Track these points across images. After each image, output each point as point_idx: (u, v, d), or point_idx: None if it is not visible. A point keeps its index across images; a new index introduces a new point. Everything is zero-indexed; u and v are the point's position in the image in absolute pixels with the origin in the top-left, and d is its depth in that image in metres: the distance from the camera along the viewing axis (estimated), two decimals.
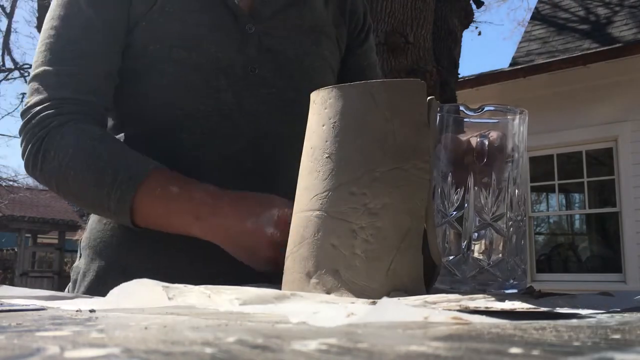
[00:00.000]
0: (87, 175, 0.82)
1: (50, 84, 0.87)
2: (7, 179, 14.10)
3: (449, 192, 0.65)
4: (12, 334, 0.30)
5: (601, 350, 0.25)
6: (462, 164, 0.66)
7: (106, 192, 0.81)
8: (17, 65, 9.73)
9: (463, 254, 0.63)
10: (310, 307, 0.43)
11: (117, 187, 0.80)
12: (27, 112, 0.87)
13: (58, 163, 0.83)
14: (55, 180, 0.86)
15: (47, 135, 0.85)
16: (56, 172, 0.84)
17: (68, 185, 0.84)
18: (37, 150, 0.85)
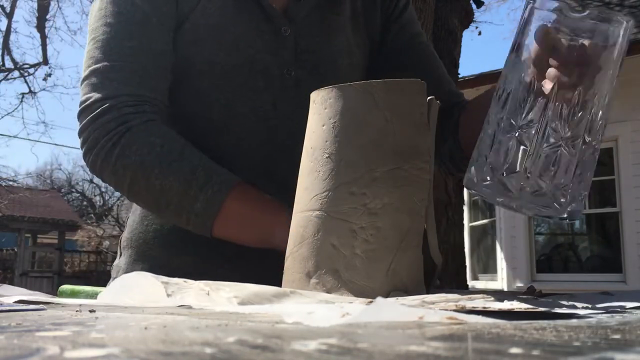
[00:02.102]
0: (175, 174, 0.80)
1: (114, 79, 0.85)
2: (7, 179, 14.10)
3: (523, 101, 0.56)
4: (12, 334, 0.30)
5: (601, 350, 0.25)
6: (546, 69, 0.58)
7: (194, 193, 0.79)
8: (17, 65, 9.73)
9: (525, 171, 0.56)
10: (305, 307, 0.43)
11: (210, 188, 0.79)
12: (93, 106, 0.84)
13: (140, 159, 0.81)
14: (131, 176, 0.82)
15: (129, 130, 0.82)
16: (135, 168, 0.82)
17: (147, 183, 0.81)
18: (115, 144, 0.82)
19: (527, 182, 0.55)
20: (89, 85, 0.86)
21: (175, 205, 0.81)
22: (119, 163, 0.82)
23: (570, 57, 0.57)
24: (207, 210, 0.79)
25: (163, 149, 0.82)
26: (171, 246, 0.92)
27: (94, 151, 0.84)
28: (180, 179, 0.80)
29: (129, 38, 0.87)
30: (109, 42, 0.87)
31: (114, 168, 0.83)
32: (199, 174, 0.80)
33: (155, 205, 0.85)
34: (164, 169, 0.81)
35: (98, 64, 0.86)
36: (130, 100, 0.84)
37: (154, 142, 0.82)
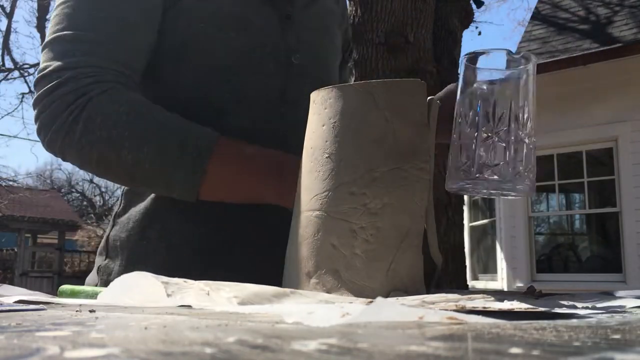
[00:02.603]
0: (147, 144, 0.75)
1: (78, 49, 0.78)
2: (7, 179, 14.10)
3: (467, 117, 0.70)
4: (12, 334, 0.30)
5: (601, 350, 0.25)
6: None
7: (172, 162, 0.75)
8: (16, 65, 9.74)
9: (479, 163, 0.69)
10: (305, 307, 0.43)
11: (188, 155, 0.74)
12: (50, 76, 0.77)
13: (107, 133, 0.75)
14: (99, 153, 0.76)
15: (90, 101, 0.75)
16: (104, 144, 0.75)
17: (119, 158, 0.75)
18: (75, 119, 0.75)
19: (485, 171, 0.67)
20: (50, 52, 0.80)
21: (154, 177, 0.77)
22: (84, 139, 0.76)
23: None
24: (189, 178, 0.75)
25: (129, 117, 0.75)
26: (176, 246, 0.87)
27: (52, 128, 0.77)
28: (155, 149, 0.75)
29: (99, 9, 0.81)
30: (78, 10, 0.81)
31: (78, 145, 0.76)
32: (173, 139, 0.75)
33: (130, 180, 0.80)
34: (134, 141, 0.75)
35: (63, 32, 0.79)
36: (92, 71, 0.77)
37: (118, 110, 0.76)
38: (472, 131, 0.70)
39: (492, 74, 0.72)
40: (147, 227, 0.88)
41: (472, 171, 0.67)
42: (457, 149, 0.70)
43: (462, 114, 0.71)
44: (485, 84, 0.72)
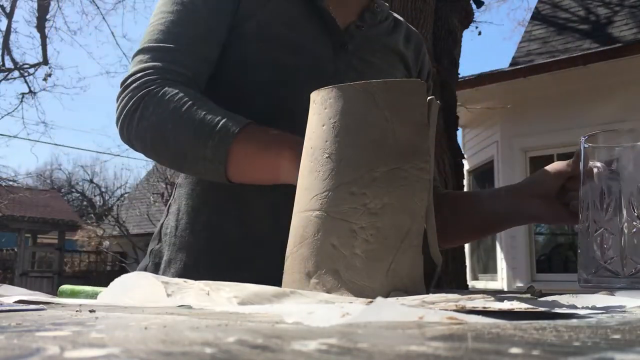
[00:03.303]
0: (186, 125, 0.83)
1: (151, 57, 0.91)
2: (7, 179, 14.09)
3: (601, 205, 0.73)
4: (12, 334, 0.30)
5: (601, 350, 0.25)
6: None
7: (203, 140, 0.82)
8: (17, 65, 9.72)
9: (622, 254, 0.70)
10: (305, 307, 0.43)
11: (216, 133, 0.81)
12: (127, 79, 0.90)
13: (156, 118, 0.85)
14: (151, 137, 0.87)
15: (148, 94, 0.87)
16: (153, 127, 0.86)
17: (164, 140, 0.85)
18: (135, 109, 0.87)
19: (625, 265, 0.69)
20: (132, 63, 0.93)
21: (191, 155, 0.84)
22: (140, 125, 0.87)
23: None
24: (217, 155, 0.81)
25: (177, 104, 0.85)
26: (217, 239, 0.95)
27: (120, 119, 0.89)
28: (191, 130, 0.83)
29: (177, 24, 0.93)
30: (158, 27, 0.94)
31: (136, 131, 0.88)
32: (207, 122, 0.82)
33: (176, 161, 0.89)
34: (176, 123, 0.84)
35: (142, 45, 0.93)
36: (156, 72, 0.89)
37: (168, 99, 0.85)
38: (615, 222, 0.69)
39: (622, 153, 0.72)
40: (193, 219, 0.98)
41: (622, 271, 0.67)
42: (592, 240, 0.71)
43: (591, 198, 0.72)
44: (619, 166, 0.71)
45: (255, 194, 0.94)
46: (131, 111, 0.88)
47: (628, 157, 0.71)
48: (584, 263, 0.72)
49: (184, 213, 0.99)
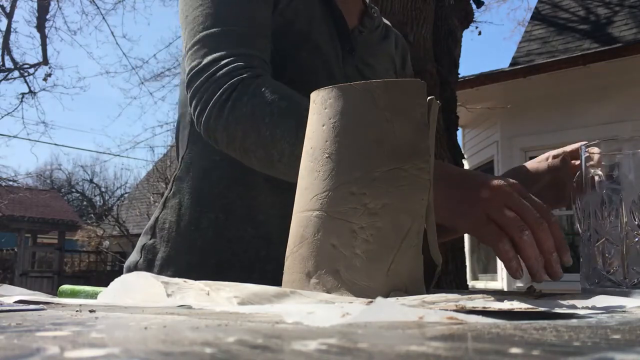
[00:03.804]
0: (286, 121, 0.78)
1: (225, 42, 0.86)
2: (7, 179, 14.09)
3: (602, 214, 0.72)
4: (12, 334, 0.30)
5: (601, 350, 0.25)
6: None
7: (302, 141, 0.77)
8: (17, 65, 9.72)
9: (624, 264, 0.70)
10: (305, 307, 0.43)
11: None
12: (205, 69, 0.84)
13: (251, 109, 0.80)
14: (242, 129, 0.81)
15: (241, 83, 0.82)
16: (246, 119, 0.80)
17: (258, 134, 0.79)
18: (227, 98, 0.82)
19: (628, 274, 0.68)
20: (201, 50, 0.87)
21: (288, 155, 0.77)
22: (231, 117, 0.81)
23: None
24: None
25: (274, 97, 0.80)
26: (224, 237, 0.93)
27: (207, 109, 0.83)
28: (292, 126, 0.77)
29: (238, 6, 0.90)
30: (218, 9, 0.89)
31: (226, 122, 0.82)
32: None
33: (269, 160, 0.81)
34: (274, 117, 0.78)
35: (209, 29, 0.87)
36: (242, 58, 0.85)
37: (264, 92, 0.81)
38: (616, 231, 0.69)
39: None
40: (199, 215, 0.94)
41: (625, 282, 0.67)
42: (594, 249, 0.70)
43: (592, 207, 0.71)
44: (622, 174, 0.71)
45: (265, 193, 0.93)
46: (220, 102, 0.82)
47: (629, 165, 0.71)
48: (586, 273, 0.72)
49: (187, 208, 0.95)
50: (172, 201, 0.98)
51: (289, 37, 0.95)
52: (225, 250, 0.93)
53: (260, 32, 0.90)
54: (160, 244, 0.96)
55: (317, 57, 0.96)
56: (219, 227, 0.93)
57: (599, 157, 0.71)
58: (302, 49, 0.95)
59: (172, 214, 0.96)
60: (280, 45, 0.94)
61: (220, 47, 0.86)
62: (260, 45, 0.89)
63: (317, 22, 0.98)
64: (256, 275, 0.89)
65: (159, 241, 0.96)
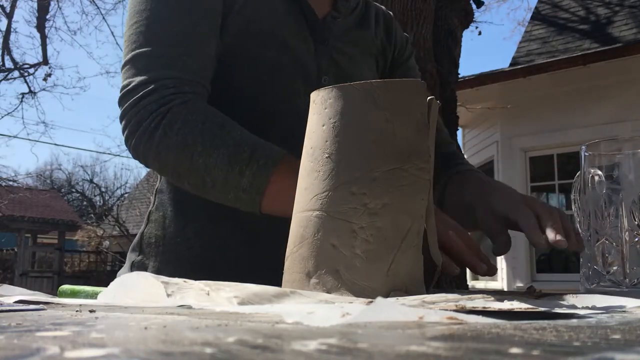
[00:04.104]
0: (218, 150, 0.78)
1: (155, 64, 0.84)
2: (7, 179, 14.09)
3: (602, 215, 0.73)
4: (12, 334, 0.30)
5: (601, 350, 0.25)
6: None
7: (240, 169, 0.77)
8: (17, 65, 9.72)
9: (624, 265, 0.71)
10: (305, 307, 0.43)
11: (255, 162, 0.77)
12: (134, 90, 0.83)
13: (182, 138, 0.79)
14: (174, 157, 0.81)
15: (169, 111, 0.81)
16: (179, 147, 0.80)
17: (191, 163, 0.79)
18: (156, 126, 0.81)
19: (628, 275, 0.69)
20: (132, 69, 0.85)
21: (221, 183, 0.79)
22: (162, 145, 0.81)
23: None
24: (255, 185, 0.77)
25: (204, 126, 0.80)
26: (212, 246, 0.92)
27: (136, 135, 0.83)
28: (224, 155, 0.78)
29: (173, 23, 0.87)
30: (153, 26, 0.86)
31: (157, 149, 0.81)
32: (243, 148, 0.78)
33: (202, 186, 0.82)
34: (206, 146, 0.79)
35: (141, 49, 0.85)
36: (172, 82, 0.83)
37: (195, 119, 0.80)
38: (616, 231, 0.69)
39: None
40: (184, 226, 0.93)
41: (624, 282, 0.67)
42: (594, 249, 0.71)
43: (592, 208, 0.72)
44: (621, 174, 0.71)
45: None
46: (151, 128, 0.81)
47: (629, 166, 0.70)
48: (586, 273, 0.72)
49: (171, 220, 0.94)
50: (156, 214, 0.97)
51: (250, 37, 0.91)
52: (215, 258, 0.91)
53: (198, 47, 0.87)
54: (149, 259, 0.94)
55: (284, 54, 0.92)
56: (205, 236, 0.92)
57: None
58: (266, 47, 0.91)
59: (157, 228, 0.95)
60: (244, 45, 0.91)
61: (150, 69, 0.84)
62: (194, 66, 0.86)
63: (281, 17, 0.94)
64: (249, 282, 0.88)
65: (147, 257, 0.95)
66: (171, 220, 0.94)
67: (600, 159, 0.73)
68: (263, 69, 0.92)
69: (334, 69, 0.98)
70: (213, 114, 0.82)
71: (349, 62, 1.00)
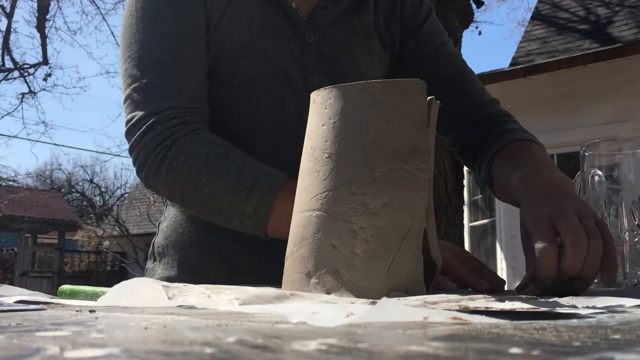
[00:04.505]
0: (223, 179, 0.81)
1: (155, 95, 0.87)
2: (7, 179, 14.09)
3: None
4: (12, 334, 0.30)
5: (601, 350, 0.25)
6: None
7: (244, 197, 0.79)
8: (17, 65, 9.71)
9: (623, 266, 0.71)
10: (309, 307, 0.43)
11: (258, 190, 0.79)
12: (139, 124, 0.86)
13: (188, 169, 0.82)
14: (182, 187, 0.84)
15: (174, 143, 0.84)
16: (185, 178, 0.83)
17: (198, 192, 0.83)
18: (163, 158, 0.84)
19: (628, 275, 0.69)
20: (132, 104, 0.88)
21: (227, 210, 0.82)
22: (169, 176, 0.84)
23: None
24: (259, 212, 0.79)
25: (209, 156, 0.83)
26: (208, 254, 0.94)
27: (145, 167, 0.86)
28: (229, 184, 0.81)
29: (163, 52, 0.88)
30: (145, 58, 0.88)
31: (164, 181, 0.85)
32: (246, 176, 0.80)
33: (209, 213, 0.85)
34: (211, 176, 0.82)
35: (137, 82, 0.87)
36: (172, 113, 0.86)
37: (199, 150, 0.83)
38: (616, 231, 0.68)
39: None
40: (182, 237, 0.97)
41: (624, 282, 0.67)
42: None
43: (592, 207, 0.71)
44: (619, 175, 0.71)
45: None
46: (158, 160, 0.84)
47: (629, 166, 0.70)
48: None
49: (172, 231, 0.98)
50: (163, 225, 1.02)
51: (227, 51, 0.92)
52: (211, 268, 0.94)
53: (189, 74, 0.89)
54: (158, 266, 0.99)
55: (263, 63, 0.92)
56: (201, 246, 0.95)
57: None
58: (243, 59, 0.91)
59: (162, 238, 1.00)
60: (220, 61, 0.92)
61: (148, 102, 0.86)
62: (189, 91, 0.88)
63: (260, 23, 0.93)
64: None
65: (158, 264, 1.00)
66: (172, 230, 0.98)
67: (600, 159, 0.73)
68: (241, 81, 0.92)
69: (324, 63, 0.95)
70: (216, 144, 0.84)
71: (341, 53, 0.97)
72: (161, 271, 0.98)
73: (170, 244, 0.98)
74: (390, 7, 1.05)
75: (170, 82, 0.87)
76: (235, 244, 0.92)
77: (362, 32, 1.00)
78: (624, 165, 0.71)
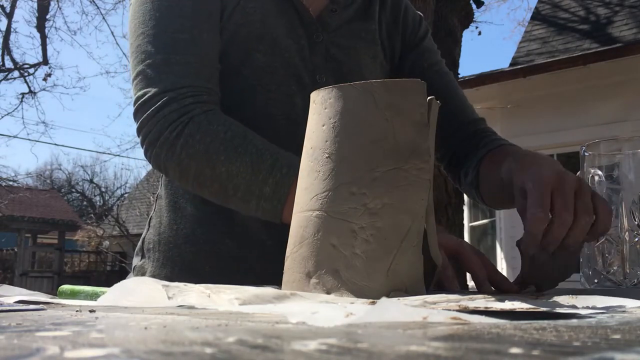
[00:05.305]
0: (242, 158, 0.79)
1: (171, 72, 0.84)
2: (7, 179, 14.09)
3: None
4: (12, 334, 0.30)
5: (601, 350, 0.25)
6: None
7: (263, 177, 0.77)
8: (17, 65, 9.72)
9: (624, 265, 0.71)
10: (309, 307, 0.43)
11: (278, 171, 0.77)
12: (152, 100, 0.83)
13: (205, 147, 0.80)
14: (196, 166, 0.81)
15: (191, 120, 0.81)
16: (201, 157, 0.80)
17: (213, 171, 0.80)
18: (178, 135, 0.81)
19: (628, 275, 0.69)
20: (144, 80, 0.85)
21: (244, 191, 0.79)
22: (184, 153, 0.81)
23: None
24: (277, 193, 0.77)
25: (227, 135, 0.81)
26: (202, 251, 0.93)
27: (157, 144, 0.83)
28: (247, 163, 0.79)
29: (180, 31, 0.87)
30: (160, 35, 0.86)
31: (178, 159, 0.82)
32: (265, 156, 0.79)
33: (223, 194, 0.82)
34: (230, 155, 0.79)
35: (151, 58, 0.85)
36: (189, 91, 0.83)
37: (217, 129, 0.81)
38: (616, 231, 0.68)
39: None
40: (176, 232, 0.95)
41: (624, 282, 0.67)
42: (594, 249, 0.71)
43: None
44: (621, 174, 0.70)
45: None
46: (172, 137, 0.82)
47: (629, 166, 0.70)
48: (586, 273, 0.72)
49: (165, 227, 0.96)
50: (154, 220, 0.99)
51: (240, 41, 0.91)
52: (206, 265, 0.92)
53: (206, 55, 0.88)
54: (148, 263, 0.97)
55: (275, 56, 0.92)
56: (196, 243, 0.93)
57: None
58: (256, 50, 0.91)
59: (154, 233, 0.98)
60: (233, 50, 0.91)
61: (163, 78, 0.84)
62: (205, 72, 0.87)
63: (272, 17, 0.93)
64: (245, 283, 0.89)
65: (147, 261, 0.97)
66: (165, 226, 0.96)
67: (600, 159, 0.73)
68: (252, 72, 0.92)
69: (331, 64, 0.96)
70: (234, 124, 0.83)
71: (347, 55, 0.98)
72: (152, 268, 0.95)
73: (162, 240, 0.96)
74: (392, 19, 1.07)
75: (187, 60, 0.85)
76: (232, 242, 0.92)
77: (367, 38, 1.02)
78: (624, 165, 0.71)
